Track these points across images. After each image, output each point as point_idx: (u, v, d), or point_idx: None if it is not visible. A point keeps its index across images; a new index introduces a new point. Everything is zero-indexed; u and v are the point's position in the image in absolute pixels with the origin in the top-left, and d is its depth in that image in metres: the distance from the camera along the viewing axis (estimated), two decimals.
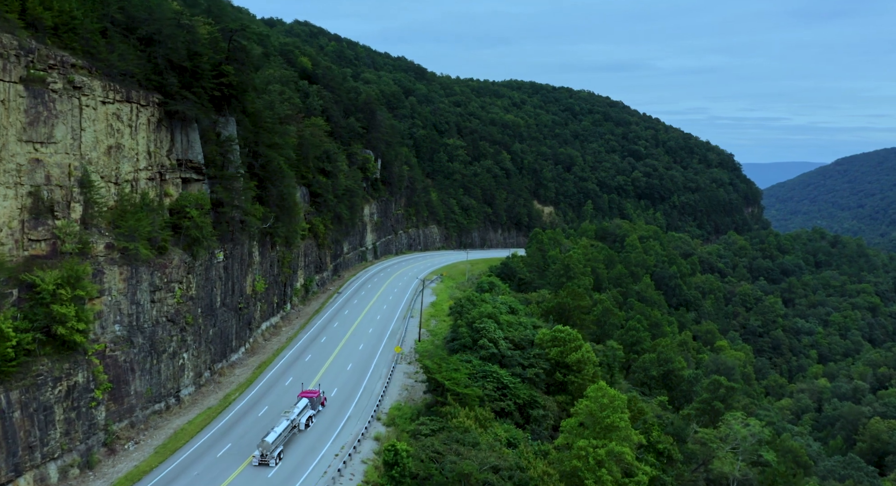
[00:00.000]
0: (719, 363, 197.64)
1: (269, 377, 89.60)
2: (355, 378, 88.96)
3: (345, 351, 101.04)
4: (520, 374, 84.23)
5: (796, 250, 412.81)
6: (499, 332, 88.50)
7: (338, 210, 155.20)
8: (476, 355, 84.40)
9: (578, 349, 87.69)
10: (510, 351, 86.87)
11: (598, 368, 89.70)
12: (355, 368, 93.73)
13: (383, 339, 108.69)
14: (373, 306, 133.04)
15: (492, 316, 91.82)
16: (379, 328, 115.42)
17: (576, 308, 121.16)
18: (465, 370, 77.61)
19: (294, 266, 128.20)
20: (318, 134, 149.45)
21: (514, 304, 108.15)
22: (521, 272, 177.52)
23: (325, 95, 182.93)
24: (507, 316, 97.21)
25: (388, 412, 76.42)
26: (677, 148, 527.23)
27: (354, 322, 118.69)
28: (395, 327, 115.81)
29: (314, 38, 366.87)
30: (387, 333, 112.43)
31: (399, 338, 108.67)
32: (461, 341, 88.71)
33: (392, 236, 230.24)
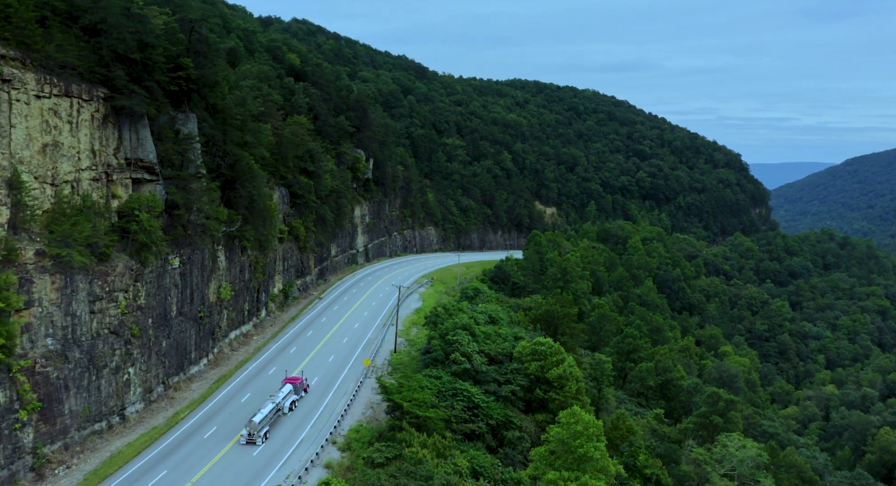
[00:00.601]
0: (722, 370, 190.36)
1: (225, 393, 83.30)
2: (318, 394, 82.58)
3: (313, 363, 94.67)
4: (494, 391, 77.67)
5: (804, 251, 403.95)
6: (473, 345, 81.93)
7: (321, 212, 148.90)
8: (448, 370, 77.91)
9: (560, 364, 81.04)
10: (485, 366, 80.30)
11: (582, 383, 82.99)
12: (321, 382, 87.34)
13: (357, 350, 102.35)
14: (353, 313, 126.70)
15: (466, 327, 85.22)
16: (355, 338, 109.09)
17: (565, 316, 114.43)
18: (434, 388, 71.18)
19: (269, 271, 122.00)
20: (299, 132, 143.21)
21: (495, 313, 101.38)
22: (515, 276, 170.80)
23: (312, 93, 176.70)
24: (485, 327, 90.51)
25: (346, 434, 69.95)
26: (683, 148, 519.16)
27: (330, 331, 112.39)
28: (371, 337, 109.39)
29: (312, 36, 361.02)
30: (362, 343, 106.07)
31: (374, 349, 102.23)
32: (433, 354, 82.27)
33: (385, 238, 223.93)
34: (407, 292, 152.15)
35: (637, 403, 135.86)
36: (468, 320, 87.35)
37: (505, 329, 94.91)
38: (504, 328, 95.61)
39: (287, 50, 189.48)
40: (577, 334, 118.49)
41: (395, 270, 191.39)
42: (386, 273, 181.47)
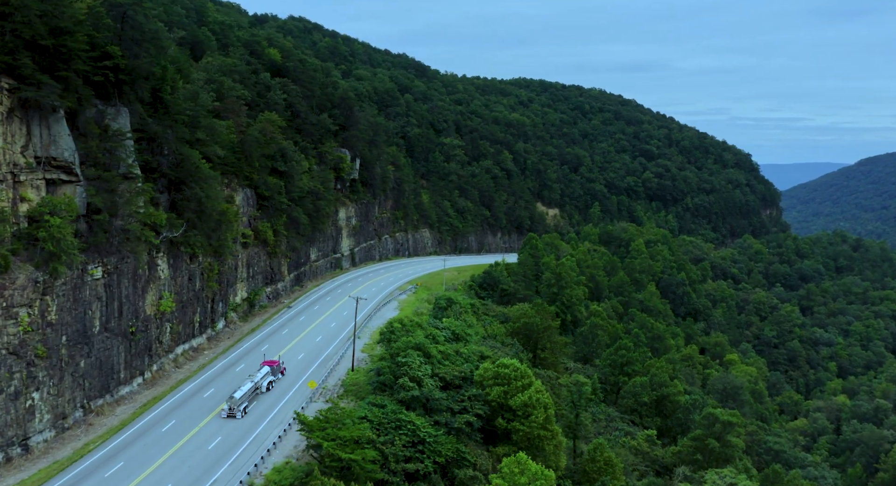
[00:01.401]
0: (726, 382, 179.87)
1: (149, 419, 74.35)
2: (249, 422, 73.44)
3: None
4: (447, 422, 68.37)
5: (816, 254, 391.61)
6: (425, 368, 72.69)
7: (294, 214, 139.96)
8: (396, 396, 68.76)
9: (527, 388, 71.65)
10: (438, 392, 71.01)
11: (552, 411, 73.39)
12: (257, 406, 78.07)
13: (311, 368, 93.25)
14: (320, 323, 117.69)
15: (420, 347, 75.93)
16: (313, 353, 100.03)
17: (545, 330, 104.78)
18: (375, 419, 62.04)
19: (228, 279, 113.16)
20: (269, 130, 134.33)
21: (461, 328, 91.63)
22: (505, 282, 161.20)
23: (291, 90, 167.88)
24: (444, 346, 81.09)
25: (267, 474, 60.73)
26: (691, 148, 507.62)
27: (287, 345, 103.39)
28: (331, 352, 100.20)
29: (308, 33, 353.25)
30: (319, 359, 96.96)
31: (330, 367, 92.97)
32: (382, 377, 73.24)
33: (374, 242, 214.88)
34: (386, 299, 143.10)
35: (630, 421, 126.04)
36: (423, 339, 77.97)
37: (471, 347, 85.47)
38: (470, 346, 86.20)
39: (267, 45, 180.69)
40: (559, 348, 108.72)
41: (380, 275, 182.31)
42: (369, 279, 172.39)
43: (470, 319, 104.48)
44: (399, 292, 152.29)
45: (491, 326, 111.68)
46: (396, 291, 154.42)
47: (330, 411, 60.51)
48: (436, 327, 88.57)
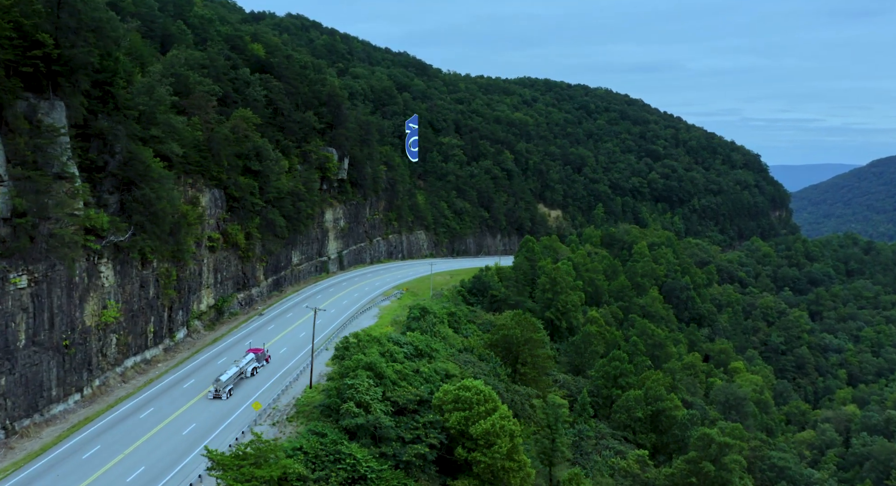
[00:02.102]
0: (729, 393, 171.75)
1: (75, 442, 67.21)
2: (181, 450, 66.02)
3: (203, 403, 78.31)
4: (395, 454, 60.97)
5: (826, 257, 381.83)
6: (375, 391, 65.34)
7: (269, 216, 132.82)
8: (342, 423, 61.37)
9: (491, 414, 64.15)
10: (389, 419, 63.61)
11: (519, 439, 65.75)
12: (195, 431, 70.81)
13: (267, 383, 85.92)
14: (289, 333, 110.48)
15: (371, 367, 68.46)
16: (273, 366, 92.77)
17: (526, 342, 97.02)
18: (311, 451, 54.71)
19: (190, 285, 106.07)
20: (242, 127, 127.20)
21: (425, 343, 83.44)
22: (496, 288, 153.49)
23: (273, 86, 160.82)
24: (401, 365, 73.51)
25: None
26: (699, 148, 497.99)
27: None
28: (293, 366, 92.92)
29: (305, 31, 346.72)
30: (278, 374, 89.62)
31: (287, 382, 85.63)
32: (329, 401, 65.91)
33: (365, 244, 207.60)
34: (367, 306, 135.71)
35: (623, 437, 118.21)
36: (376, 357, 70.45)
37: (436, 365, 77.86)
38: (436, 363, 78.61)
39: (250, 40, 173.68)
40: (541, 363, 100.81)
41: (368, 279, 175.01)
42: (355, 283, 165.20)
43: (444, 330, 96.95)
44: (382, 298, 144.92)
45: (470, 337, 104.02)
46: (380, 297, 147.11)
47: (251, 444, 53.05)
48: (396, 342, 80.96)
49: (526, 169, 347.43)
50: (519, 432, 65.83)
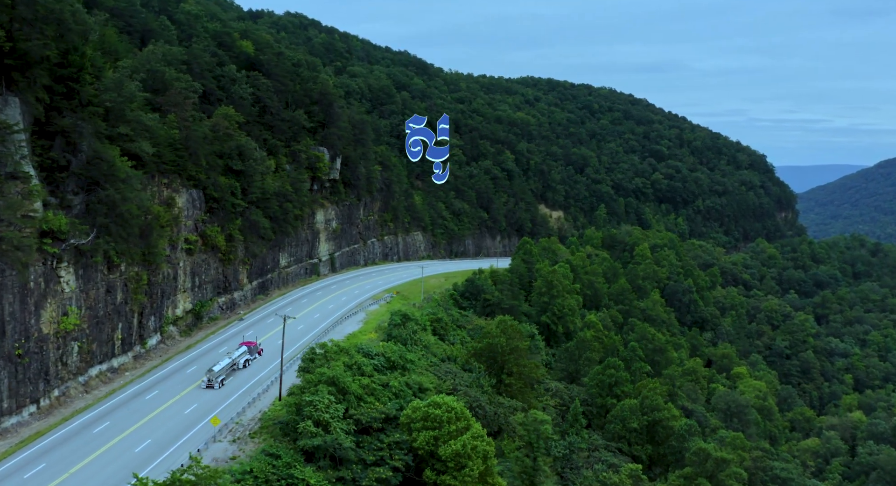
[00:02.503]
0: (730, 401, 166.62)
1: (18, 460, 62.66)
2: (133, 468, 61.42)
3: (161, 418, 73.62)
4: (355, 478, 56.42)
5: (832, 259, 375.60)
6: (337, 408, 60.74)
7: (252, 217, 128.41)
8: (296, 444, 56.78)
9: (462, 433, 59.52)
10: (351, 439, 59.00)
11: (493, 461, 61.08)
12: (149, 447, 66.28)
13: (234, 394, 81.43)
14: (266, 340, 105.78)
15: (334, 381, 63.82)
16: (244, 375, 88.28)
17: (512, 351, 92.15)
18: (262, 475, 50.25)
19: (163, 290, 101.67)
20: (223, 125, 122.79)
21: (397, 354, 78.36)
22: (489, 291, 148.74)
23: (261, 84, 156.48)
24: (368, 378, 68.78)
25: None
26: (704, 148, 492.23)
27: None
28: (265, 376, 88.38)
29: (304, 30, 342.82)
30: (248, 383, 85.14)
31: (256, 394, 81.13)
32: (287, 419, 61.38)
33: (359, 245, 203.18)
34: (353, 310, 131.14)
35: (617, 448, 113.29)
36: (340, 371, 65.75)
37: (411, 377, 73.09)
38: (411, 376, 73.84)
39: (239, 37, 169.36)
40: (528, 373, 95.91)
41: (359, 281, 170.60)
42: (345, 286, 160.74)
43: (427, 338, 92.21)
44: (371, 303, 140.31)
45: (456, 345, 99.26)
46: (369, 301, 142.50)
47: (189, 469, 48.56)
48: (366, 353, 76.22)
49: (527, 169, 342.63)
50: (493, 452, 61.14)
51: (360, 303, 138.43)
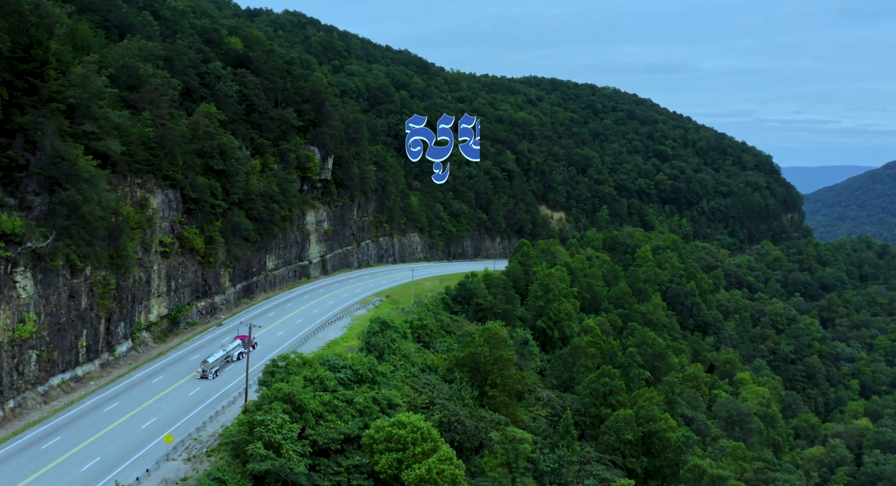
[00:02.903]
0: (731, 409, 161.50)
1: None
2: (219, 382, 60.12)
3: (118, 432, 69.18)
4: None
5: (839, 261, 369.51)
6: (291, 428, 56.24)
7: (235, 219, 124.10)
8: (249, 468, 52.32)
9: (429, 456, 54.92)
10: (301, 463, 54.45)
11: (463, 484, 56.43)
12: (98, 466, 61.82)
13: (196, 408, 76.96)
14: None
15: (290, 398, 59.22)
16: (211, 387, 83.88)
17: (496, 361, 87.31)
18: None
19: (134, 294, 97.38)
20: (203, 123, 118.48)
21: (366, 367, 72.59)
22: (482, 295, 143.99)
23: (249, 81, 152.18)
24: (331, 394, 63.94)
25: None
26: (709, 148, 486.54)
27: (186, 375, 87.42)
28: (233, 387, 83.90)
29: (302, 28, 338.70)
30: (213, 396, 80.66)
31: (221, 407, 76.67)
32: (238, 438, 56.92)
33: (352, 247, 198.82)
34: (339, 315, 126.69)
35: (610, 461, 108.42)
36: (297, 387, 60.99)
37: (380, 392, 68.23)
38: (380, 390, 69.04)
39: (227, 33, 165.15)
40: (513, 384, 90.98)
41: (350, 284, 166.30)
42: (334, 289, 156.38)
43: (407, 347, 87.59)
44: (359, 307, 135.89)
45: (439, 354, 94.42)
46: (356, 304, 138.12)
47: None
48: (331, 366, 71.42)
49: (528, 170, 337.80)
50: (462, 476, 56.41)
51: (348, 307, 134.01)
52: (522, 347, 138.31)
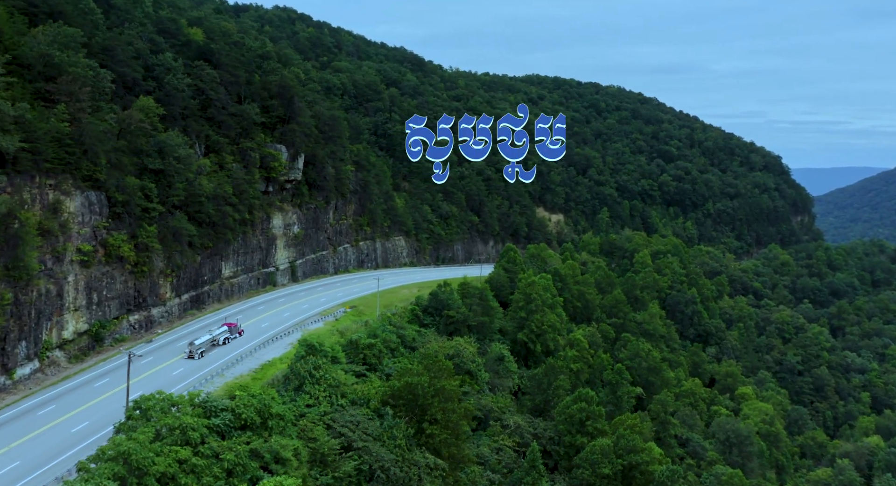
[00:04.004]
0: (730, 431, 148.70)
1: None
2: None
3: None
4: None
5: (850, 266, 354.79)
6: None
7: (174, 224, 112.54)
8: None
9: None
10: None
11: None
12: None
13: (78, 445, 65.19)
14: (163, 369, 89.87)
15: (126, 458, 47.08)
16: (106, 413, 71.96)
17: (437, 394, 74.64)
18: None
19: (40, 310, 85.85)
20: (135, 119, 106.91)
21: (251, 410, 58.05)
22: (454, 307, 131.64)
23: (206, 74, 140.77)
24: (193, 448, 51.86)
25: None
26: (715, 149, 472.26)
27: (91, 400, 75.93)
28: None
29: (291, 24, 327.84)
30: (103, 430, 68.77)
31: None
32: None
33: (328, 252, 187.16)
34: (290, 329, 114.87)
35: None
36: (134, 445, 48.47)
37: (263, 444, 55.43)
38: (274, 439, 56.74)
39: (187, 24, 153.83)
40: (457, 421, 78.04)
41: (317, 292, 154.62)
42: (297, 298, 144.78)
43: (337, 375, 75.31)
44: (317, 319, 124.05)
45: (377, 382, 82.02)
46: (315, 316, 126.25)
47: None
48: (208, 409, 58.67)
49: None
50: None
51: (303, 320, 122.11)
52: (497, 363, 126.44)
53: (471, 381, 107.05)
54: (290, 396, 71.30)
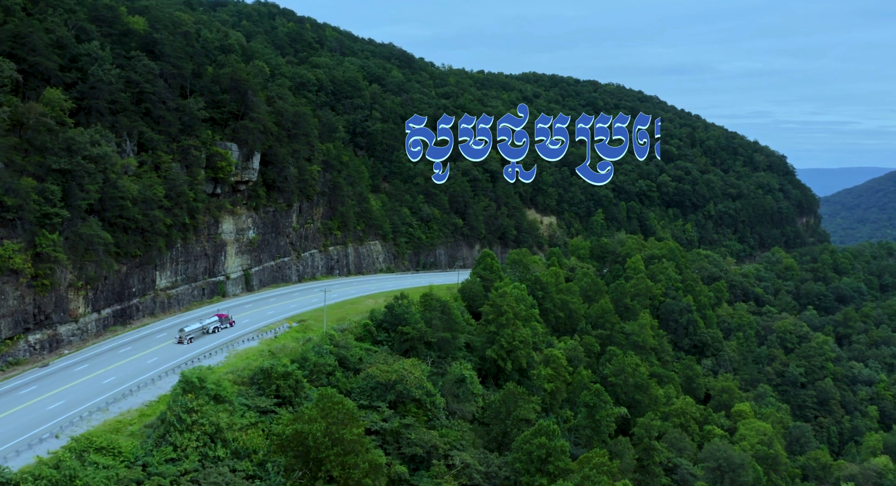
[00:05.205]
0: (720, 458, 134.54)
1: None
2: None
3: None
4: None
5: (857, 269, 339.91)
6: None
7: (83, 231, 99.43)
8: None
9: None
10: None
11: None
12: None
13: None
14: (57, 393, 76.79)
15: None
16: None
17: (334, 445, 60.50)
18: None
19: None
20: (35, 113, 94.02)
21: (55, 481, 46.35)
22: (411, 322, 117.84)
23: (140, 66, 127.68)
24: None
25: None
26: (717, 148, 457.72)
27: None
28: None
29: (270, 19, 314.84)
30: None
31: None
32: None
33: (290, 258, 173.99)
34: (213, 350, 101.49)
35: None
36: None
37: None
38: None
39: (126, 12, 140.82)
40: (360, 478, 63.81)
41: (267, 304, 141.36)
42: (244, 310, 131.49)
43: (219, 419, 62.10)
44: (251, 337, 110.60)
45: (259, 429, 67.52)
46: (251, 333, 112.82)
47: None
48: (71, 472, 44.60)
49: None
50: None
51: (235, 338, 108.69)
52: (457, 386, 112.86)
53: (416, 411, 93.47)
54: (149, 447, 58.18)
